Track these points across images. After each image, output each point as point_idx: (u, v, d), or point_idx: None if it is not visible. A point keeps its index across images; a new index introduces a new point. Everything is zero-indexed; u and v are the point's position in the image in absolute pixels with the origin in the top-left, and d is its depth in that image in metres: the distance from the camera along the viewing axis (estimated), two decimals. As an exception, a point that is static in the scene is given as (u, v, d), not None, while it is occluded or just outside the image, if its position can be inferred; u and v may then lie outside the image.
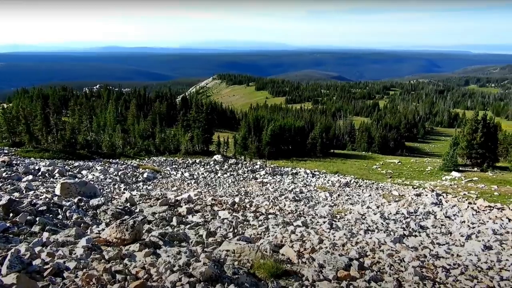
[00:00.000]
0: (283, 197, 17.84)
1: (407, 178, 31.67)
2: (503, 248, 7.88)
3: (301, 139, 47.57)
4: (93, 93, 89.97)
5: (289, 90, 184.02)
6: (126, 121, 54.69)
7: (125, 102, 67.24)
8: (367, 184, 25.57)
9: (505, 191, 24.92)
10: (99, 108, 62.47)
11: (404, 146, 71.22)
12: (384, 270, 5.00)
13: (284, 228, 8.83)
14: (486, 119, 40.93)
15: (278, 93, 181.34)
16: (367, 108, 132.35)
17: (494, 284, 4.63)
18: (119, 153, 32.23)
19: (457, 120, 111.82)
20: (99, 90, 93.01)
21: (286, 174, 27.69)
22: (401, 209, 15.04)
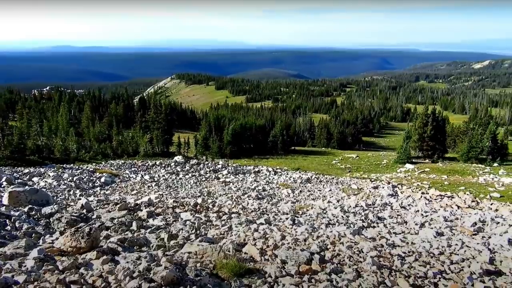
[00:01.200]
0: (246, 196, 17.88)
1: (365, 171, 32.84)
2: (453, 234, 8.39)
3: (262, 137, 47.89)
4: (43, 95, 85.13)
5: (249, 89, 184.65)
6: (80, 124, 52.31)
7: (79, 104, 64.22)
8: (328, 179, 26.23)
9: (454, 180, 26.55)
10: (50, 111, 59.29)
11: (361, 141, 73.82)
12: (344, 262, 5.14)
13: (247, 226, 8.84)
14: (435, 113, 43.35)
15: (239, 92, 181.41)
16: (326, 105, 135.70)
17: (445, 268, 4.91)
18: (74, 157, 30.79)
19: (409, 114, 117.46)
20: (50, 92, 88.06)
21: (248, 173, 27.77)
22: (360, 202, 15.57)
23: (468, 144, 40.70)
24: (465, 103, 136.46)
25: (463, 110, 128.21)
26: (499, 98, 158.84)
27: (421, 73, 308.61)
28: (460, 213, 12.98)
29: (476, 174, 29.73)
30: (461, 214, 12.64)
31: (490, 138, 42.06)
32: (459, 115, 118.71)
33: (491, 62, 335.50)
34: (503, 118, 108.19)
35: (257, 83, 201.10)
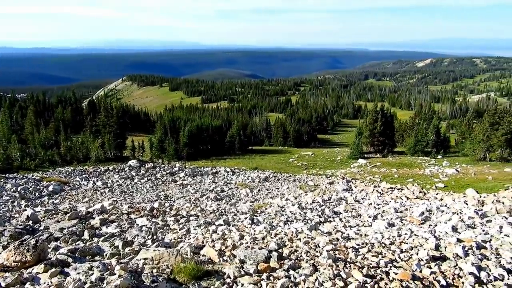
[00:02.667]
0: (205, 198, 17.71)
1: (321, 168, 33.71)
2: (403, 224, 8.83)
3: (219, 138, 47.61)
4: (-20, 101, 78.59)
5: (204, 89, 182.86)
6: (23, 130, 48.90)
7: (21, 109, 59.99)
8: (285, 177, 26.64)
9: (403, 173, 28.00)
10: (-11, 118, 54.88)
11: (316, 138, 75.71)
12: (301, 257, 5.24)
13: (205, 228, 8.75)
14: (384, 109, 45.55)
15: (194, 93, 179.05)
16: (281, 104, 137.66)
17: (395, 257, 5.15)
18: (17, 166, 28.75)
19: (360, 111, 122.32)
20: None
21: (206, 174, 27.50)
22: (317, 198, 15.96)
23: (415, 138, 43.18)
24: (411, 100, 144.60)
25: (409, 106, 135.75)
26: (440, 94, 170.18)
27: (370, 71, 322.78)
28: (409, 204, 13.70)
29: (423, 166, 31.55)
30: (410, 205, 13.34)
31: (434, 132, 44.93)
32: (405, 111, 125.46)
33: (433, 61, 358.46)
34: (445, 113, 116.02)
35: (212, 84, 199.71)
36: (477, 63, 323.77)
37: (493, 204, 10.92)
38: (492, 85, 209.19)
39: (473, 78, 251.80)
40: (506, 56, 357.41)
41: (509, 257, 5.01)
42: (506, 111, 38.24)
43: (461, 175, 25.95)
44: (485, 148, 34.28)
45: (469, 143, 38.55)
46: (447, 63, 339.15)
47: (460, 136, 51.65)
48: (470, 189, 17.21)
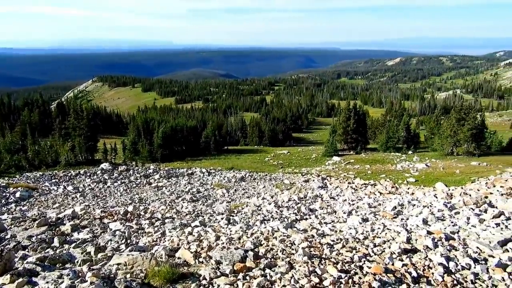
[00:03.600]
0: (180, 199, 17.51)
1: (296, 166, 34.03)
2: (377, 219, 9.04)
3: (194, 138, 47.16)
4: None
5: (178, 90, 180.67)
6: (-13, 135, 46.75)
7: (-15, 113, 57.35)
8: (261, 176, 26.71)
9: (376, 169, 28.67)
10: (-51, 122, 52.02)
11: (291, 137, 76.36)
12: (277, 255, 5.26)
13: (181, 230, 8.65)
14: (357, 107, 46.51)
15: (167, 94, 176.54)
16: (256, 104, 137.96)
17: (369, 251, 5.26)
18: (-19, 172, 27.44)
19: (334, 110, 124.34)
20: None
21: (181, 176, 27.17)
22: (293, 196, 16.10)
23: (386, 135, 44.35)
24: (382, 98, 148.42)
25: (380, 104, 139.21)
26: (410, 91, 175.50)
27: (342, 70, 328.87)
28: (382, 199, 14.04)
29: (394, 162, 32.43)
30: (383, 200, 13.68)
31: (404, 129, 46.28)
32: (377, 108, 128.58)
33: (402, 59, 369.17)
34: (415, 109, 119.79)
35: (186, 84, 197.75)
36: (444, 61, 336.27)
37: (460, 197, 11.34)
38: (458, 83, 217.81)
39: (440, 76, 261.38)
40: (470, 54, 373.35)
41: (475, 247, 5.22)
42: (471, 107, 39.88)
43: (431, 169, 26.85)
44: (452, 143, 35.61)
45: (437, 138, 39.94)
46: (415, 62, 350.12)
47: (429, 132, 53.40)
48: (440, 182, 17.82)
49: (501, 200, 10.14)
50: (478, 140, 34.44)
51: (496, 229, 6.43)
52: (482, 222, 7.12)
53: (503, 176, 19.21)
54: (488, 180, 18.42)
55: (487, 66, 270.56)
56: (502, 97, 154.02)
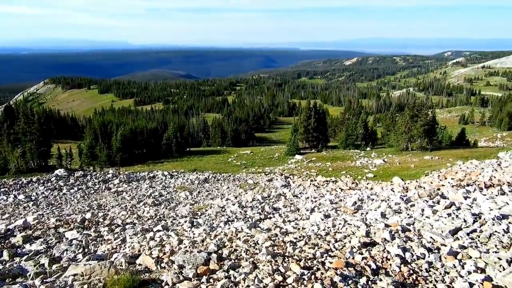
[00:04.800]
0: (142, 204, 17.05)
1: (260, 166, 34.21)
2: (338, 215, 9.26)
3: (155, 141, 46.07)
4: None
5: (137, 91, 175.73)
6: None
7: None
8: (225, 177, 26.60)
9: (336, 166, 29.46)
10: None
11: (254, 137, 76.72)
12: (241, 256, 5.24)
13: (142, 236, 8.40)
14: (317, 106, 47.53)
15: (126, 95, 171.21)
16: (218, 104, 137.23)
17: (330, 247, 5.38)
18: None
19: (295, 109, 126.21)
20: None
21: (143, 179, 26.46)
22: (257, 196, 16.15)
23: (346, 132, 45.70)
24: (341, 96, 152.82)
25: (339, 103, 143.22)
26: (367, 90, 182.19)
27: (302, 70, 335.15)
28: (343, 195, 14.44)
29: (354, 158, 33.49)
30: (344, 196, 14.06)
31: (362, 126, 47.95)
32: (336, 107, 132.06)
33: (359, 59, 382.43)
34: (371, 107, 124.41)
35: (146, 85, 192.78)
36: (398, 61, 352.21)
37: (415, 190, 11.89)
38: (410, 81, 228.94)
39: (395, 75, 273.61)
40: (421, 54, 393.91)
41: (429, 237, 5.49)
42: (423, 105, 42.04)
43: (388, 164, 28.01)
44: (407, 139, 37.32)
45: (393, 135, 41.71)
46: (371, 62, 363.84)
47: (385, 129, 55.71)
48: (396, 177, 18.62)
49: (452, 191, 10.75)
50: (430, 135, 36.32)
51: (448, 219, 6.80)
52: (435, 213, 7.49)
53: (453, 169, 20.41)
54: (440, 173, 19.50)
55: (436, 66, 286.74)
56: (450, 94, 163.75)
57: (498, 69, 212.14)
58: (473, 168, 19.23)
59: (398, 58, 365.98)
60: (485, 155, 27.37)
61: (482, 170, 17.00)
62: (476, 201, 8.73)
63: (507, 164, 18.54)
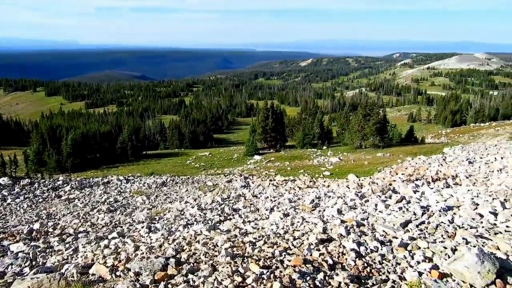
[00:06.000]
0: (96, 211, 16.32)
1: (219, 167, 34.02)
2: (296, 213, 9.41)
3: (109, 144, 44.32)
4: None
5: (88, 93, 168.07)
6: None
7: None
8: (183, 180, 26.16)
9: (295, 165, 29.97)
10: None
11: (212, 138, 76.12)
12: (200, 259, 5.17)
13: (96, 244, 8.04)
14: (274, 107, 48.13)
15: (76, 98, 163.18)
16: (174, 106, 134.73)
17: (289, 245, 5.46)
18: None
19: (253, 110, 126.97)
20: None
21: (96, 185, 25.34)
22: (216, 197, 16.04)
23: (302, 132, 46.69)
24: (297, 97, 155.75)
25: (296, 103, 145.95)
26: (322, 90, 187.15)
27: (259, 71, 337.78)
28: (301, 193, 14.71)
29: (311, 157, 34.25)
30: (302, 194, 14.33)
31: (318, 126, 49.21)
32: (293, 107, 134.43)
33: (314, 60, 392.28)
34: (327, 107, 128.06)
35: (98, 87, 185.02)
36: (350, 62, 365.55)
37: (369, 186, 12.39)
38: (362, 82, 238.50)
39: (348, 76, 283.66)
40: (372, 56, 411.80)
41: (382, 231, 5.74)
42: (374, 104, 43.97)
43: (343, 162, 28.95)
44: (360, 137, 38.81)
45: (347, 133, 43.20)
46: (325, 63, 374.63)
47: (340, 128, 57.54)
48: (351, 174, 19.31)
49: (403, 186, 11.32)
50: (382, 133, 38.03)
51: (399, 213, 7.15)
52: (387, 207, 7.85)
53: (403, 165, 21.51)
54: (391, 169, 20.47)
55: (386, 67, 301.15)
56: (399, 94, 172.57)
57: (441, 70, 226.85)
58: (421, 163, 20.40)
59: (350, 59, 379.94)
60: (431, 151, 29.12)
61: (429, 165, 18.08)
62: (425, 195, 9.27)
63: (451, 159, 19.85)
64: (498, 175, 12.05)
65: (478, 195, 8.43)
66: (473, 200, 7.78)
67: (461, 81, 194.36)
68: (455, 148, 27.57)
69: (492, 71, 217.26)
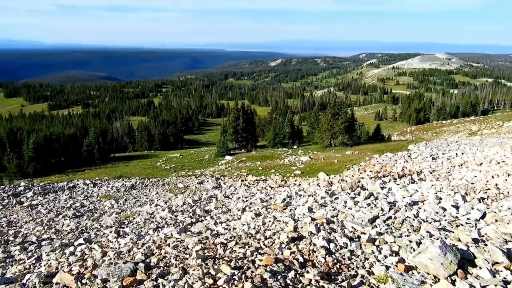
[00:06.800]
0: (61, 216, 15.68)
1: (190, 169, 33.62)
2: (268, 212, 9.44)
3: (74, 148, 42.75)
4: None
5: (51, 94, 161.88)
6: None
7: None
8: (153, 182, 25.64)
9: (266, 165, 30.11)
10: None
11: (183, 139, 75.15)
12: (170, 263, 5.07)
13: (61, 251, 7.73)
14: (245, 107, 48.16)
15: (38, 99, 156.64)
16: (143, 107, 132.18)
17: (260, 245, 5.46)
18: None
19: (224, 110, 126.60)
20: None
21: (61, 190, 24.35)
22: (187, 199, 15.83)
23: (273, 132, 47.02)
24: (267, 97, 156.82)
25: (266, 103, 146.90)
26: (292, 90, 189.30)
27: (229, 71, 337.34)
28: (273, 193, 14.78)
29: (282, 156, 34.54)
30: (274, 194, 14.41)
31: (289, 125, 49.68)
32: (264, 107, 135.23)
33: (283, 60, 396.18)
34: (296, 107, 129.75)
35: (61, 88, 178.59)
36: (319, 62, 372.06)
37: (339, 183, 12.63)
38: (331, 81, 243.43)
39: (317, 76, 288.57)
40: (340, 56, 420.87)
41: (351, 227, 5.86)
42: (343, 103, 44.99)
43: (314, 161, 29.39)
44: (330, 136, 39.57)
45: (317, 132, 43.91)
46: (295, 63, 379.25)
47: (310, 127, 58.42)
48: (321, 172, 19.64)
49: (371, 182, 11.64)
50: (350, 131, 38.96)
51: (367, 209, 7.33)
52: (356, 204, 8.03)
53: (371, 162, 22.11)
54: (360, 166, 21.00)
55: (353, 67, 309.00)
56: (366, 93, 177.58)
57: (405, 70, 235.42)
58: (388, 160, 21.06)
59: (319, 59, 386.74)
60: (397, 148, 30.13)
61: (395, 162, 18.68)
62: (391, 191, 9.57)
63: (416, 156, 20.61)
64: (459, 170, 12.64)
65: (441, 190, 8.79)
66: (436, 194, 8.11)
67: (424, 80, 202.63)
68: (419, 145, 28.69)
69: (452, 70, 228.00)
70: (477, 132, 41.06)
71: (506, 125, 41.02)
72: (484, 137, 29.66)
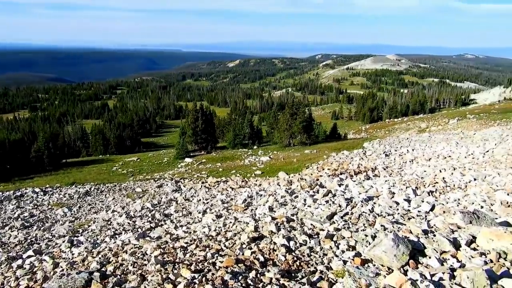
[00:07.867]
0: (7, 228, 14.67)
1: (148, 172, 32.75)
2: (229, 213, 9.40)
3: (22, 154, 40.15)
4: None
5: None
6: None
7: None
8: (110, 188, 24.70)
9: (226, 166, 30.00)
10: None
11: (140, 142, 73.06)
12: (128, 270, 4.90)
13: (8, 265, 7.21)
14: (204, 108, 47.78)
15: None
16: (97, 110, 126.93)
17: (221, 246, 5.42)
18: None
19: (182, 111, 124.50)
20: None
21: (7, 200, 22.77)
22: (146, 204, 15.40)
23: (233, 132, 47.01)
24: (226, 97, 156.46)
25: (225, 104, 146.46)
26: (250, 91, 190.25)
27: (187, 72, 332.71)
28: (234, 194, 14.75)
29: (243, 157, 34.57)
30: (235, 194, 14.38)
31: (248, 126, 49.91)
32: (223, 108, 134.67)
33: (241, 61, 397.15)
34: (256, 107, 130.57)
35: (5, 91, 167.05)
36: (276, 63, 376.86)
37: (298, 182, 12.85)
38: (289, 82, 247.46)
39: (274, 76, 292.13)
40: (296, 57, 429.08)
41: (310, 224, 5.98)
42: (300, 103, 45.87)
43: (274, 161, 29.70)
44: (288, 135, 40.19)
45: (276, 132, 44.46)
46: (253, 64, 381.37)
47: (269, 127, 59.04)
48: (281, 172, 19.87)
49: (329, 180, 11.95)
50: (308, 131, 39.81)
51: (326, 206, 7.53)
52: (315, 202, 8.21)
53: (329, 160, 22.74)
54: (318, 165, 21.51)
55: (310, 67, 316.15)
56: (323, 93, 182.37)
57: (359, 70, 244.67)
58: (345, 158, 21.76)
59: (276, 60, 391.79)
60: (353, 146, 31.22)
61: (351, 160, 19.35)
62: (348, 187, 9.89)
63: (371, 153, 21.48)
64: (410, 166, 13.34)
65: (394, 185, 9.23)
66: (390, 189, 8.49)
67: (376, 80, 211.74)
68: (374, 143, 29.94)
69: (402, 71, 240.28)
70: (426, 129, 43.52)
71: (451, 122, 43.84)
72: (432, 134, 31.52)
